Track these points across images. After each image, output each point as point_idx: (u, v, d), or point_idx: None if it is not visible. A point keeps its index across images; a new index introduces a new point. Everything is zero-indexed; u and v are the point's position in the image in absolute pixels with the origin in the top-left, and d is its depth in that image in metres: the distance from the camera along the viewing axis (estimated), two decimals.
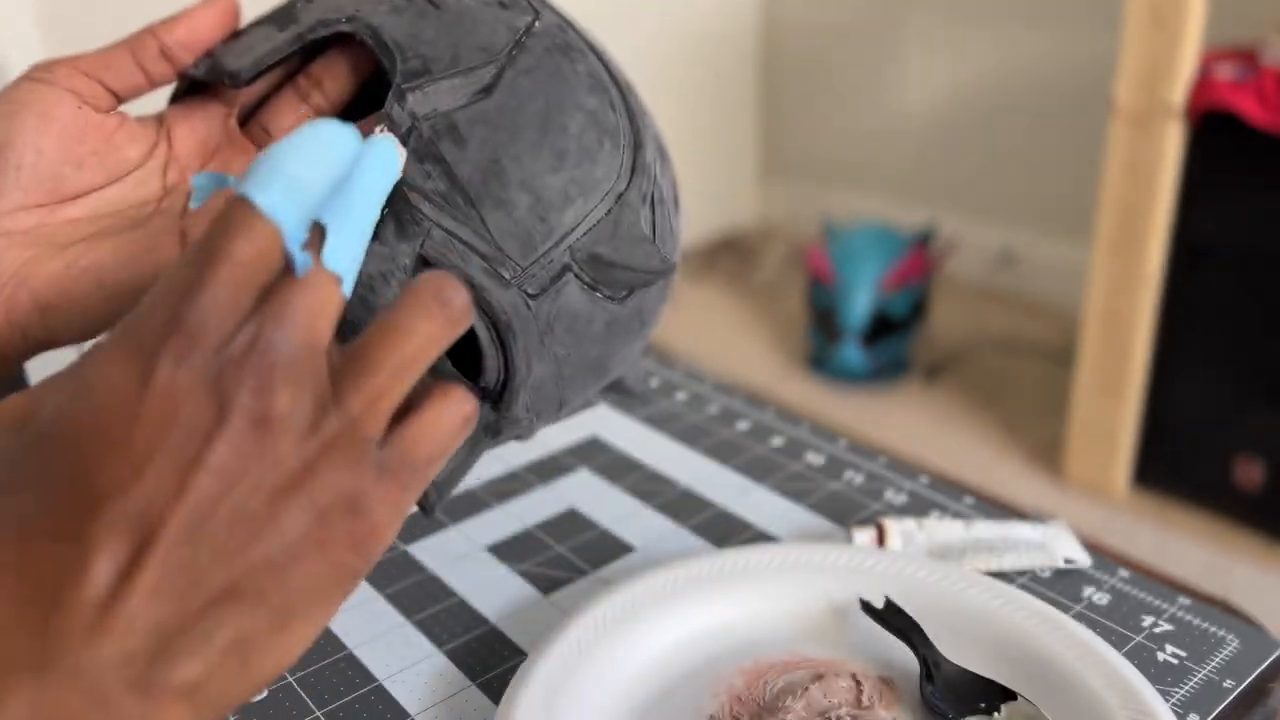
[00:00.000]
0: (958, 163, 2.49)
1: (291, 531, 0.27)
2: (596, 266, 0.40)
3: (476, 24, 0.40)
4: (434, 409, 0.29)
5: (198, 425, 0.25)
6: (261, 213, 0.27)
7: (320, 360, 0.27)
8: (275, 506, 0.26)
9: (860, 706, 0.41)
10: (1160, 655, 0.45)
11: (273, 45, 0.40)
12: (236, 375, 0.26)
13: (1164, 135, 1.45)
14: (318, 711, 0.43)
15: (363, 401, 0.27)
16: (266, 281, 0.27)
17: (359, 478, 0.27)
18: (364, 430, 0.27)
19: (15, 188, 0.37)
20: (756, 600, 0.46)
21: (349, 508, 0.27)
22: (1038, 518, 0.54)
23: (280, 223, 0.27)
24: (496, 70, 0.39)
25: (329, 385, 0.27)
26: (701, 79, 2.67)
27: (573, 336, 0.41)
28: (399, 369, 0.28)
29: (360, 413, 0.27)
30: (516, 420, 0.41)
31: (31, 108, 0.38)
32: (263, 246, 0.27)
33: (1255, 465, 1.54)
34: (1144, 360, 1.59)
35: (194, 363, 0.26)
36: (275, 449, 0.26)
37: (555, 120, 0.39)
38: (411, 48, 0.39)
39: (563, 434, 0.64)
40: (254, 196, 0.27)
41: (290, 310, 0.27)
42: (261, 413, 0.26)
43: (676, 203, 0.46)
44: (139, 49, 0.40)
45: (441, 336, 0.29)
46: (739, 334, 2.37)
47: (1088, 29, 2.16)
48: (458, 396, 0.30)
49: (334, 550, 0.27)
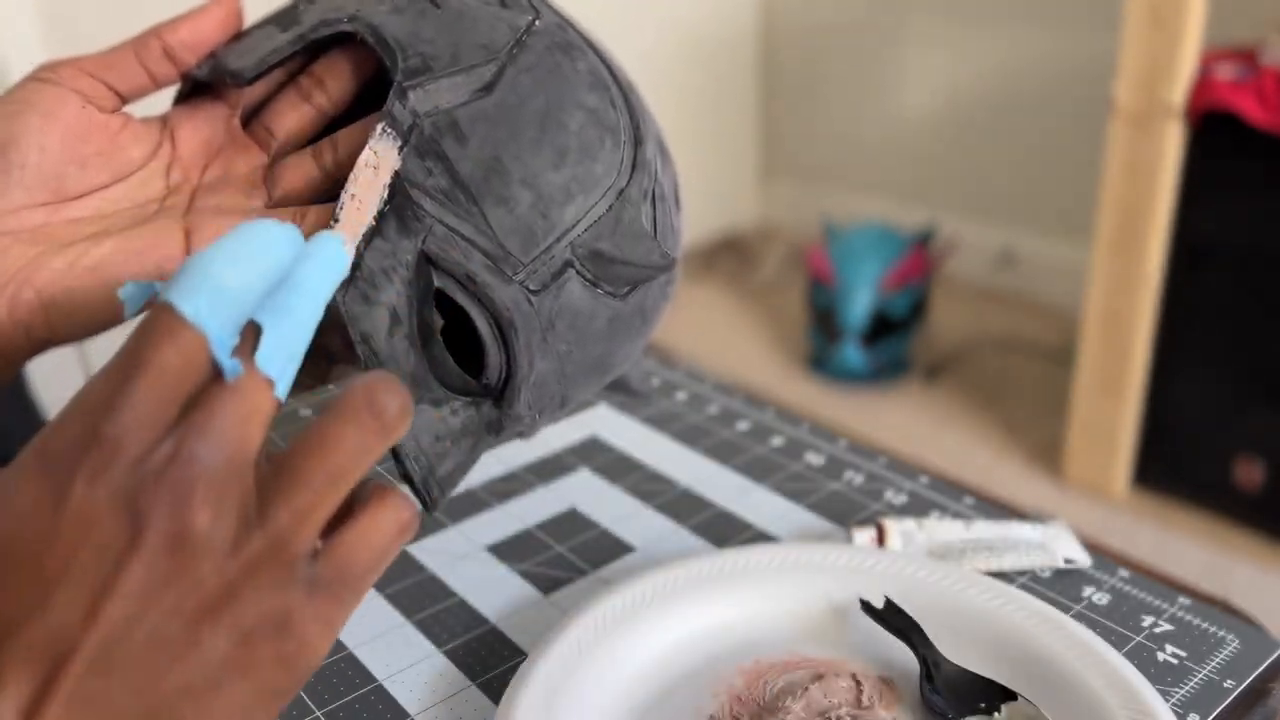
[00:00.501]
0: (958, 163, 2.49)
1: (213, 656, 0.25)
2: (598, 262, 0.40)
3: (477, 23, 0.40)
4: (370, 518, 0.28)
5: (111, 547, 0.24)
6: (186, 320, 0.25)
7: (246, 474, 0.26)
8: (194, 631, 0.25)
9: (860, 706, 0.41)
10: (1160, 655, 0.45)
11: (275, 45, 0.40)
12: (154, 492, 0.24)
13: (1164, 135, 1.45)
14: (318, 711, 0.43)
15: (290, 518, 0.26)
16: (192, 391, 0.26)
17: (286, 597, 0.26)
18: (291, 548, 0.26)
19: (19, 186, 0.37)
20: (756, 600, 0.46)
21: (276, 629, 0.26)
22: (1038, 518, 0.54)
23: (206, 330, 0.25)
24: (497, 68, 0.39)
25: (254, 500, 0.26)
26: (701, 79, 2.67)
27: (575, 333, 0.41)
28: (328, 482, 0.27)
29: (287, 530, 0.26)
30: (519, 417, 0.41)
31: (36, 107, 0.38)
32: (188, 355, 0.25)
33: (1255, 465, 1.54)
34: (1144, 360, 1.59)
35: (110, 480, 0.24)
36: (194, 571, 0.25)
37: (556, 117, 0.40)
38: (412, 46, 0.39)
39: (563, 434, 0.64)
40: (178, 304, 0.25)
41: (215, 421, 0.25)
42: (178, 532, 0.24)
43: (678, 200, 0.46)
44: (143, 50, 0.40)
45: (374, 446, 0.27)
46: (739, 334, 2.37)
47: (1088, 29, 2.16)
48: (395, 503, 0.28)
49: (260, 673, 0.26)
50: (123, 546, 0.24)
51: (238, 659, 0.26)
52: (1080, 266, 2.04)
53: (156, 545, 0.24)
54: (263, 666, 0.26)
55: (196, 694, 0.25)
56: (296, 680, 0.27)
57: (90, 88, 0.39)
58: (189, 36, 0.40)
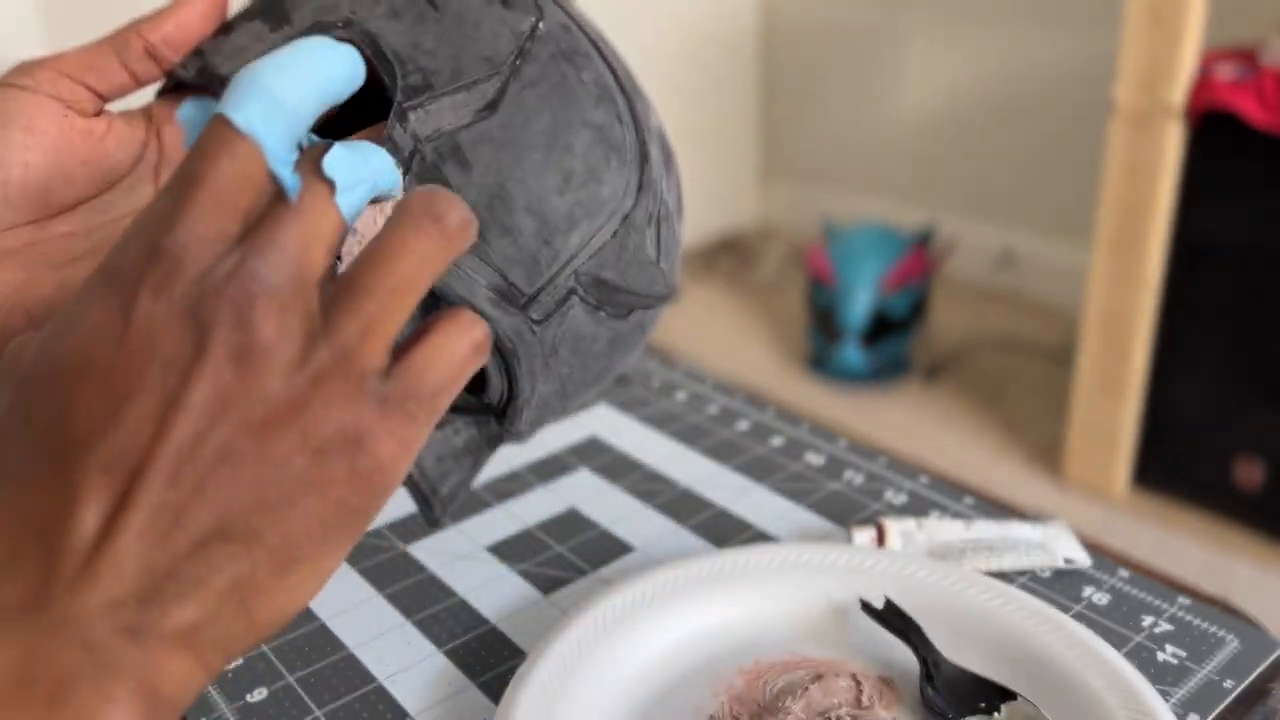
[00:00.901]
0: (958, 163, 2.50)
1: (285, 470, 0.25)
2: (602, 290, 0.40)
3: (479, 28, 0.39)
4: (441, 334, 0.28)
5: (177, 360, 0.24)
6: (239, 130, 0.25)
7: (310, 292, 0.26)
8: (264, 444, 0.25)
9: (860, 706, 0.41)
10: (1160, 655, 0.45)
11: (265, 49, 0.39)
12: (215, 305, 0.24)
13: (1164, 135, 1.45)
14: (318, 711, 0.43)
15: (356, 330, 0.26)
16: (252, 205, 0.26)
17: (357, 412, 0.26)
18: (360, 361, 0.26)
19: (4, 206, 0.36)
20: (756, 600, 0.46)
21: (348, 444, 0.26)
22: (1038, 518, 0.54)
23: (261, 141, 0.25)
24: (500, 84, 0.38)
25: (319, 315, 0.26)
26: (701, 79, 2.67)
27: (577, 357, 0.40)
28: (394, 292, 0.26)
29: (354, 342, 0.26)
30: (520, 433, 0.41)
31: (15, 120, 0.36)
32: (243, 167, 0.25)
33: (1255, 465, 1.54)
34: (1144, 360, 1.59)
35: (173, 294, 0.24)
36: (260, 382, 0.25)
37: (561, 139, 0.38)
38: (412, 59, 0.38)
39: (563, 434, 0.64)
40: (231, 114, 0.25)
41: (279, 240, 0.25)
42: (242, 343, 0.24)
43: (680, 209, 0.45)
44: (124, 48, 0.38)
45: (438, 255, 0.27)
46: (739, 334, 2.37)
47: (1088, 29, 2.16)
48: (466, 320, 0.28)
49: (335, 489, 0.26)
50: (188, 359, 0.24)
51: (311, 474, 0.25)
52: (1080, 266, 2.05)
53: (221, 357, 0.24)
54: (337, 483, 0.26)
55: (272, 509, 0.25)
56: (374, 500, 0.27)
57: (70, 92, 0.37)
58: (173, 33, 0.38)
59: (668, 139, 0.45)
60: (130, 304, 0.24)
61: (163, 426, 0.24)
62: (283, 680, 0.45)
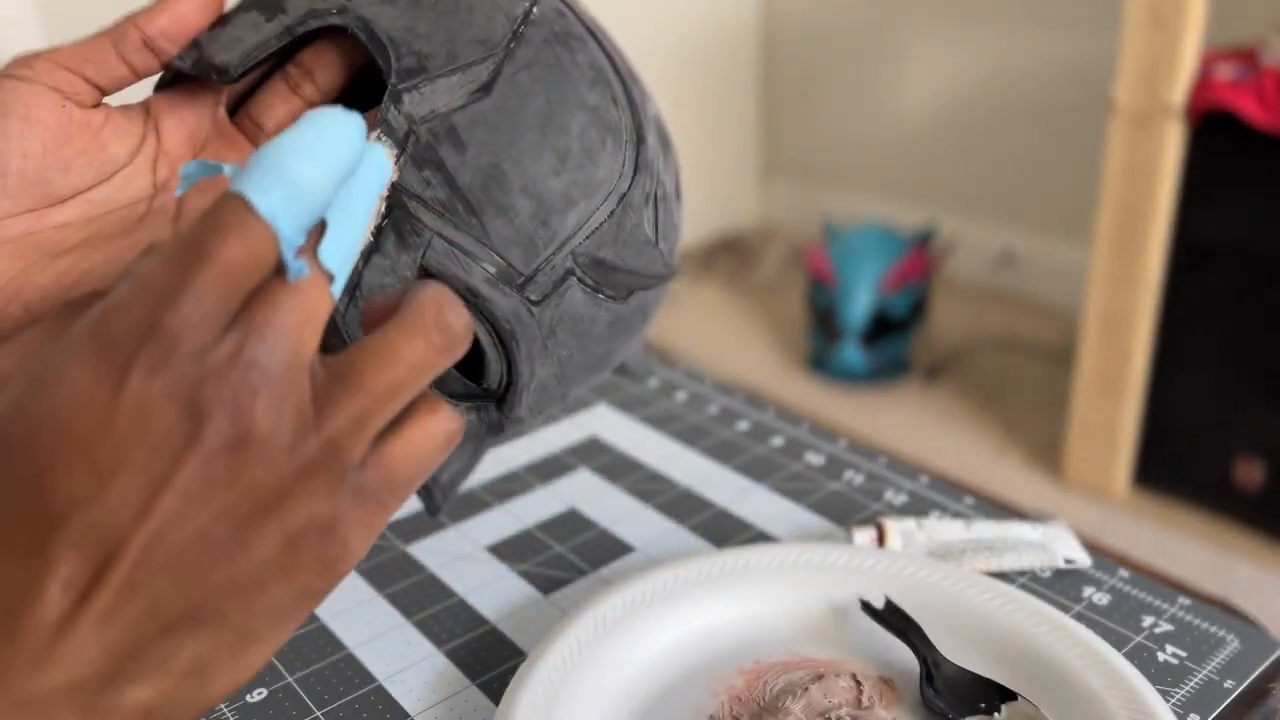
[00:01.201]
0: (958, 163, 2.49)
1: (260, 557, 0.25)
2: (599, 270, 0.40)
3: (473, 13, 0.39)
4: (418, 426, 0.28)
5: (169, 442, 0.24)
6: (259, 215, 0.25)
7: (304, 376, 0.26)
8: (244, 532, 0.25)
9: (860, 707, 0.41)
10: (1160, 655, 0.44)
11: (261, 38, 0.38)
12: (215, 392, 0.24)
13: (1164, 135, 1.45)
14: (318, 711, 0.43)
15: (347, 425, 0.26)
16: (255, 286, 0.25)
17: (335, 503, 0.26)
18: (345, 455, 0.26)
19: (2, 195, 0.36)
20: (756, 600, 0.46)
21: (322, 533, 0.26)
22: (1038, 518, 0.54)
23: (278, 227, 0.25)
24: (494, 66, 0.38)
25: (311, 404, 0.26)
26: (701, 79, 2.67)
27: (576, 339, 0.40)
28: (388, 393, 0.27)
29: (343, 436, 0.26)
30: (520, 419, 0.41)
31: (13, 110, 0.36)
32: (256, 251, 0.25)
33: (1255, 465, 1.54)
34: (1144, 360, 1.59)
35: (170, 373, 0.24)
36: (249, 473, 0.25)
37: (556, 120, 0.38)
38: (406, 43, 0.38)
39: (563, 434, 0.64)
40: (253, 197, 0.25)
41: (278, 322, 0.25)
42: (238, 435, 0.24)
43: (679, 193, 0.45)
44: (120, 40, 0.38)
45: (437, 362, 0.27)
46: (739, 334, 2.37)
47: (1088, 29, 2.16)
48: (443, 413, 0.28)
49: (302, 575, 0.26)
50: (180, 443, 0.24)
51: (282, 561, 0.26)
52: (1080, 266, 2.05)
53: (215, 445, 0.24)
54: (305, 569, 0.26)
55: (242, 594, 0.25)
56: (333, 582, 0.27)
57: (68, 83, 0.37)
58: (169, 25, 0.38)
59: (665, 125, 0.45)
60: (123, 376, 0.24)
61: (146, 508, 0.24)
62: (283, 680, 0.45)
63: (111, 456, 0.24)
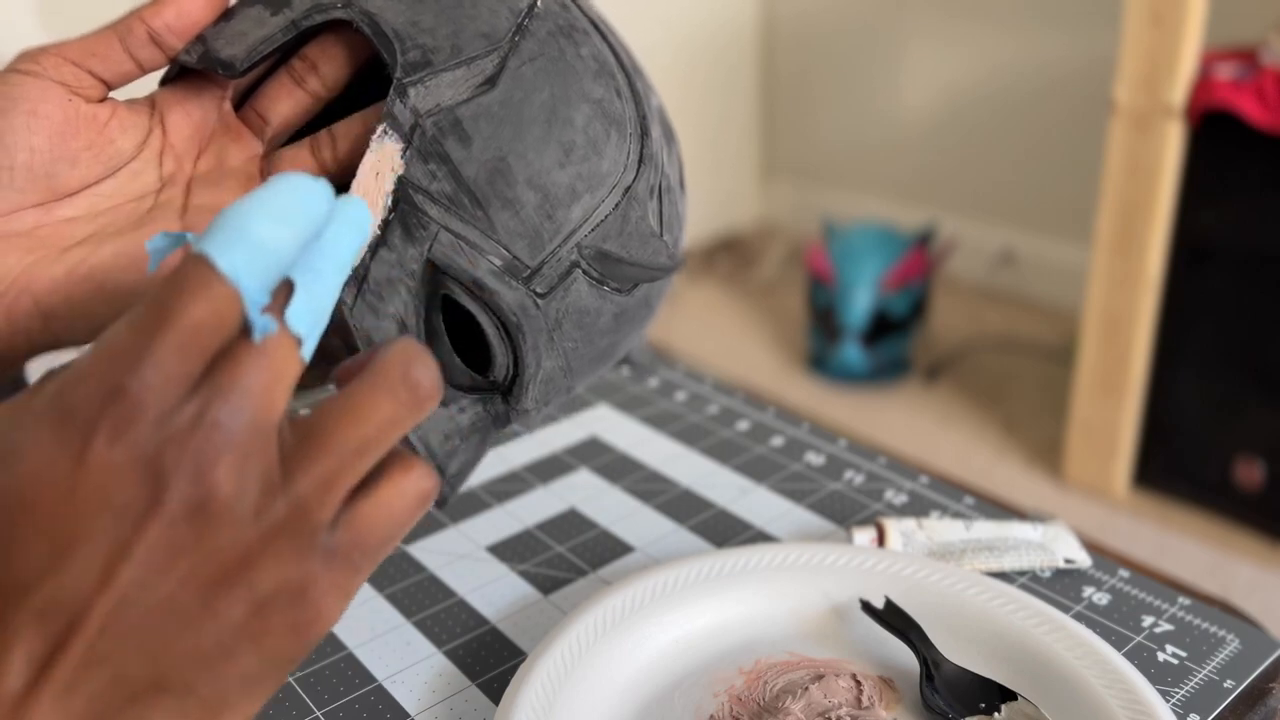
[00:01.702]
0: (958, 163, 2.49)
1: (228, 624, 0.25)
2: (604, 263, 0.40)
3: (477, 6, 0.39)
4: (392, 486, 0.27)
5: (130, 509, 0.23)
6: (222, 275, 0.24)
7: (270, 440, 0.25)
8: (210, 599, 0.24)
9: (860, 707, 0.41)
10: (1160, 655, 0.45)
11: (266, 33, 0.39)
12: (177, 456, 0.24)
13: (1164, 135, 1.45)
14: (318, 711, 0.43)
15: (314, 486, 0.25)
16: (219, 349, 0.25)
17: (305, 567, 0.25)
18: (314, 517, 0.25)
19: (9, 189, 0.36)
20: (757, 600, 0.46)
21: (292, 598, 0.25)
22: (1038, 518, 0.54)
23: (241, 288, 0.24)
24: (499, 59, 0.38)
25: (278, 466, 0.25)
26: (701, 79, 2.67)
27: (581, 331, 0.40)
28: (357, 452, 0.26)
29: (311, 498, 0.25)
30: (526, 411, 0.41)
31: (20, 104, 0.36)
32: (220, 311, 0.24)
33: (1255, 465, 1.54)
34: (1144, 360, 1.59)
35: (132, 439, 0.23)
36: (214, 538, 0.24)
37: (561, 113, 0.38)
38: (410, 37, 0.37)
39: (563, 434, 0.64)
40: (215, 257, 0.24)
41: (243, 383, 0.25)
42: (200, 499, 0.24)
43: (683, 185, 0.45)
44: (126, 35, 0.38)
45: (406, 419, 0.27)
46: (739, 334, 2.37)
47: (1088, 29, 2.16)
48: (417, 472, 0.28)
49: (272, 641, 0.25)
50: (142, 509, 0.23)
51: (252, 628, 0.25)
52: (1080, 266, 2.05)
53: (177, 511, 0.24)
54: (275, 635, 0.25)
55: (209, 662, 0.25)
56: (306, 648, 0.26)
57: (74, 77, 0.37)
58: (174, 20, 0.38)
59: (668, 117, 0.45)
60: (85, 445, 0.23)
61: (107, 576, 0.23)
62: None
63: (73, 526, 0.23)
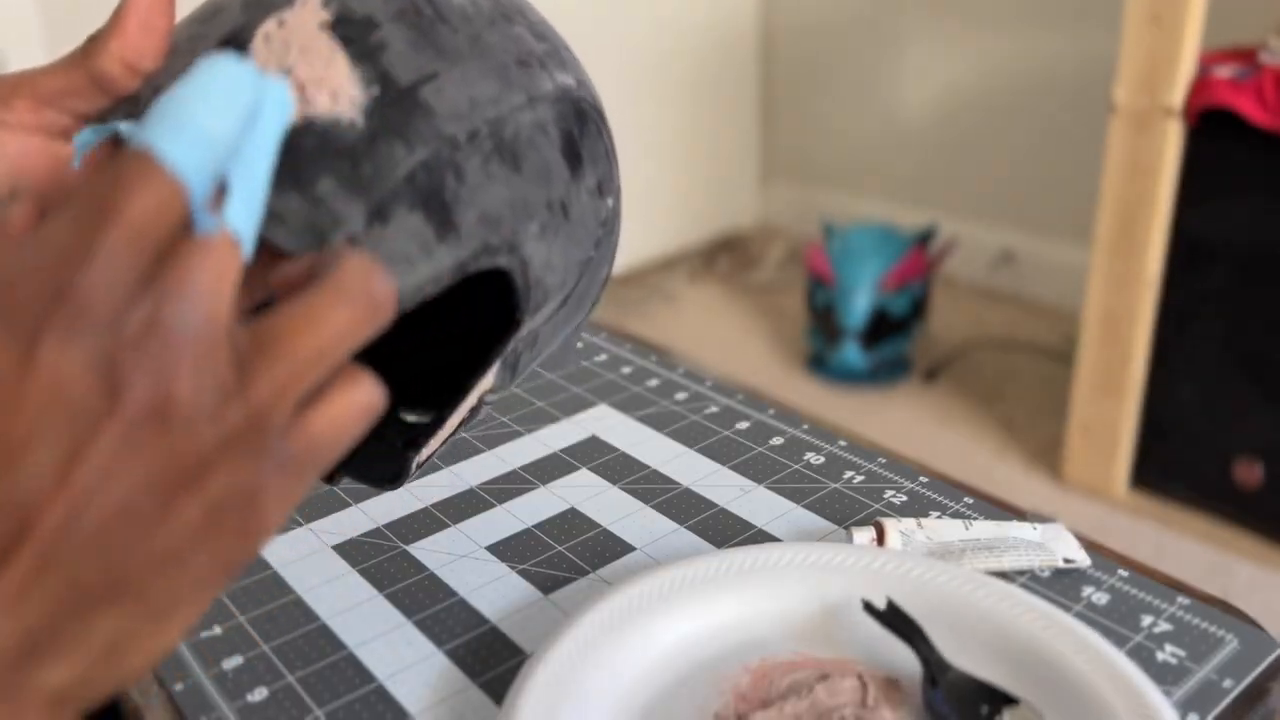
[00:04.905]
0: (958, 163, 2.50)
1: (182, 528, 0.24)
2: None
3: (583, 223, 0.40)
4: (342, 396, 0.27)
5: (85, 413, 0.23)
6: (167, 168, 0.23)
7: (222, 342, 0.25)
8: (166, 502, 0.24)
9: (865, 706, 0.41)
10: (1159, 655, 0.45)
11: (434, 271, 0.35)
12: (133, 358, 0.23)
13: (1163, 135, 1.45)
14: (318, 711, 0.43)
15: (271, 392, 0.25)
16: (164, 245, 0.24)
17: (257, 472, 0.25)
18: (269, 423, 0.25)
19: None
20: (758, 600, 0.46)
21: (244, 503, 0.25)
22: (1037, 518, 0.54)
23: (188, 180, 0.24)
24: (576, 279, 0.42)
25: (232, 370, 0.25)
26: (701, 79, 2.67)
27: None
28: (314, 359, 0.26)
29: (266, 404, 0.25)
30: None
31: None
32: (165, 205, 0.23)
33: (1255, 465, 1.54)
34: (1143, 360, 1.59)
35: (84, 341, 0.23)
36: (170, 443, 0.24)
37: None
38: (541, 282, 0.39)
39: (563, 434, 0.64)
40: (159, 148, 0.23)
41: (192, 281, 0.24)
42: (158, 404, 0.23)
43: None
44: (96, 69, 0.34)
45: (363, 329, 0.27)
46: (739, 334, 2.37)
47: (1087, 29, 2.16)
48: (365, 384, 0.27)
49: (221, 544, 0.25)
50: (98, 413, 0.23)
51: (205, 532, 0.25)
52: (1080, 266, 2.05)
53: (135, 415, 0.23)
54: (226, 539, 0.25)
55: (163, 566, 0.24)
56: (252, 554, 0.26)
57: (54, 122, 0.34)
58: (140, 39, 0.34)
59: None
60: (32, 344, 0.22)
61: (63, 478, 0.23)
62: (283, 680, 0.45)
63: (22, 428, 0.23)
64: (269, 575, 0.52)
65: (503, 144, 0.36)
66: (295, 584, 0.51)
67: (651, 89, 2.51)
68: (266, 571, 0.52)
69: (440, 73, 0.35)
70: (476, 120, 0.36)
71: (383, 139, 0.33)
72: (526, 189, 0.37)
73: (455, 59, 0.36)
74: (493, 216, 0.36)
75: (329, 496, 0.58)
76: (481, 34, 0.37)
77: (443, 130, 0.35)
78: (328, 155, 0.33)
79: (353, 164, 0.33)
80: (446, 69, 0.36)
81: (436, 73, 0.35)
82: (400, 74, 0.35)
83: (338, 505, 0.58)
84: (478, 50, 0.37)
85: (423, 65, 0.35)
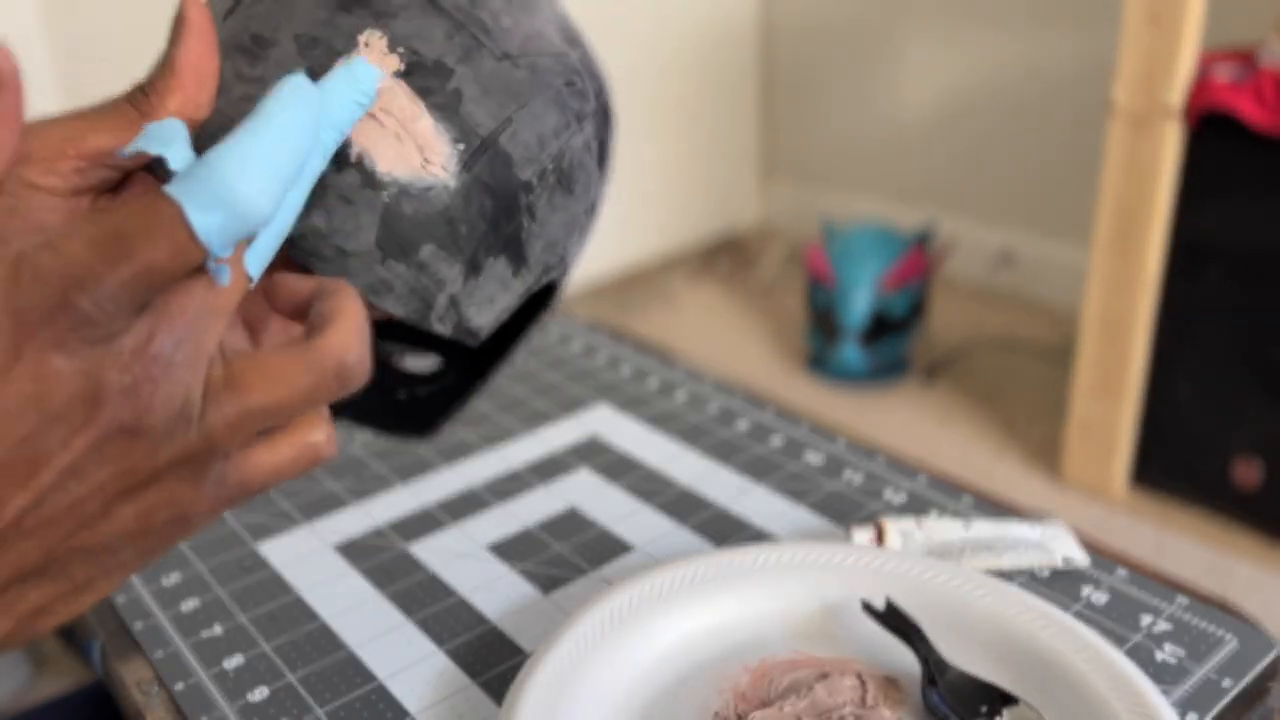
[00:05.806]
0: (958, 163, 2.50)
1: (119, 528, 0.27)
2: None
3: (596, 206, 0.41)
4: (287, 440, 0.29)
5: (65, 418, 0.25)
6: (194, 235, 0.25)
7: (202, 370, 0.26)
8: (111, 507, 0.26)
9: (865, 706, 0.41)
10: (1159, 654, 0.45)
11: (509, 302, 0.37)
12: (119, 380, 0.25)
13: (1163, 136, 1.45)
14: (318, 710, 0.43)
15: (225, 426, 0.27)
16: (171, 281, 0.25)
17: (196, 491, 0.27)
18: (217, 451, 0.27)
19: None
20: (758, 600, 0.46)
21: (176, 515, 0.28)
22: (1036, 517, 0.54)
23: (211, 248, 0.25)
24: None
25: (201, 398, 0.26)
26: (701, 79, 2.67)
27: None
28: (272, 411, 0.27)
29: (219, 435, 0.27)
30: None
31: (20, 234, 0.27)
32: (182, 259, 0.25)
33: (1254, 465, 1.54)
34: (1142, 360, 1.59)
35: (79, 352, 0.24)
36: (132, 457, 0.26)
37: None
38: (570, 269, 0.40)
39: (563, 434, 0.64)
40: (191, 216, 0.25)
41: (191, 312, 0.26)
42: (131, 423, 0.25)
43: None
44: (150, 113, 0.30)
45: (327, 395, 0.28)
46: (739, 334, 2.37)
47: (1087, 29, 2.16)
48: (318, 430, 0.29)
49: (147, 544, 0.28)
50: (78, 421, 0.25)
51: (135, 532, 0.27)
52: (1079, 266, 2.05)
53: (109, 429, 0.25)
54: (151, 540, 0.28)
55: (94, 556, 0.27)
56: (168, 550, 0.29)
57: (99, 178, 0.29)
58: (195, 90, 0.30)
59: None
60: (23, 344, 0.24)
61: (30, 474, 0.25)
62: (284, 679, 0.45)
63: (3, 419, 0.24)
64: (269, 575, 0.52)
65: (562, 175, 0.38)
66: (296, 584, 0.51)
67: (651, 89, 2.51)
68: (267, 571, 0.52)
69: (513, 117, 0.36)
70: (544, 159, 0.37)
71: (474, 197, 0.35)
72: (575, 207, 0.39)
73: (521, 97, 0.36)
74: (553, 242, 0.38)
75: (329, 496, 0.58)
76: (536, 61, 0.37)
77: (520, 177, 0.36)
78: (427, 221, 0.34)
79: (449, 226, 0.34)
80: (517, 110, 0.36)
81: (510, 118, 0.36)
82: (479, 123, 0.35)
83: (338, 505, 0.58)
84: (537, 82, 0.37)
85: (496, 110, 0.36)
